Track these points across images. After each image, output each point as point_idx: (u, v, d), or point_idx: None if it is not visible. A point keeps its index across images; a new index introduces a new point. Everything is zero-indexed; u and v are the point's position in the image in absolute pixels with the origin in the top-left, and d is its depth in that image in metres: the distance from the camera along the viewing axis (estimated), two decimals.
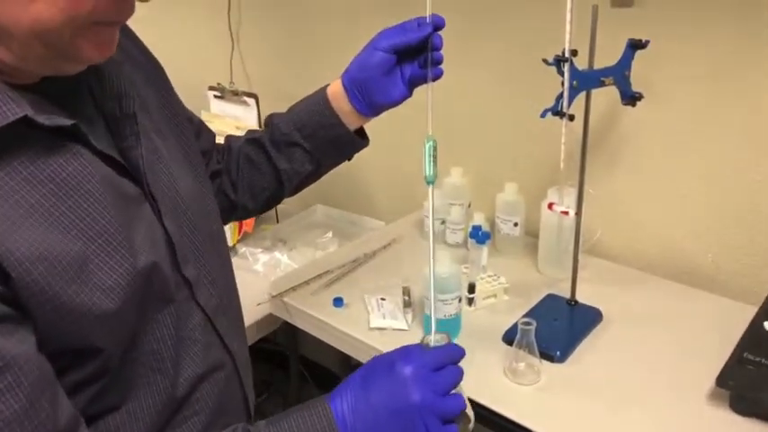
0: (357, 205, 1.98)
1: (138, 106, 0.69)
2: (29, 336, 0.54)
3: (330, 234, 1.81)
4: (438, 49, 0.85)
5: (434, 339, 0.73)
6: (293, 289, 1.40)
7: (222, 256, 0.82)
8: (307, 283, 1.42)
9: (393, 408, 0.64)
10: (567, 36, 0.99)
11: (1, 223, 0.52)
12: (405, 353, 0.68)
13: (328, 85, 0.94)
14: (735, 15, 1.18)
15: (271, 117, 0.97)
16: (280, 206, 2.10)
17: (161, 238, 0.68)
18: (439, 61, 0.86)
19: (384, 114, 0.96)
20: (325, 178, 2.26)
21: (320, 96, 0.93)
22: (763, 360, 1.01)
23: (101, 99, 0.67)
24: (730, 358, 1.03)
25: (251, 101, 1.85)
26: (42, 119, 0.55)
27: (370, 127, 1.00)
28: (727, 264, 1.33)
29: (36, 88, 0.59)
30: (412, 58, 0.88)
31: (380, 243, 1.58)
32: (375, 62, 0.87)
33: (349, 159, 1.00)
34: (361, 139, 0.97)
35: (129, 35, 0.80)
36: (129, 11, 0.58)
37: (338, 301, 1.32)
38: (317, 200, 2.04)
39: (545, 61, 1.01)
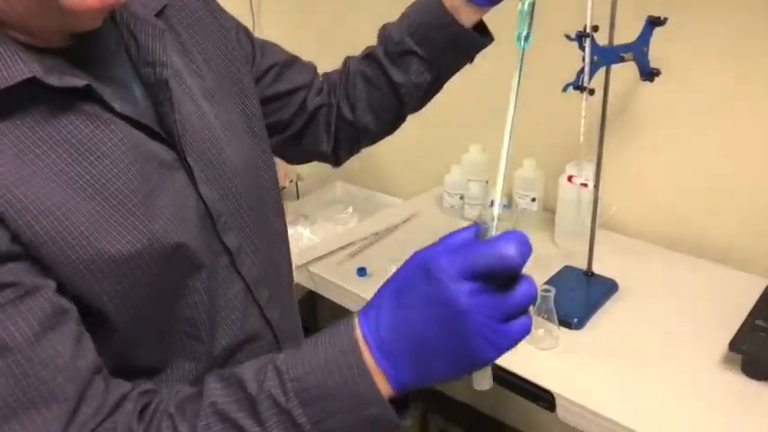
0: (377, 182, 2.03)
1: (183, 74, 0.70)
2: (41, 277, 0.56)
3: (351, 209, 1.86)
4: None
5: (495, 227, 0.55)
6: (318, 259, 1.44)
7: (271, 228, 0.80)
8: (331, 253, 1.47)
9: (435, 318, 0.50)
10: (589, 12, 1.02)
11: (9, 176, 0.53)
12: (446, 249, 0.52)
13: None
14: None
15: (384, 28, 0.90)
16: (300, 183, 2.16)
17: (194, 205, 0.67)
18: None
19: None
20: None
21: None
22: None
23: (138, 65, 0.66)
24: (743, 325, 1.07)
25: None
26: (53, 80, 0.55)
27: None
28: (740, 238, 1.37)
29: (63, 51, 0.59)
30: None
31: (401, 218, 1.62)
32: None
33: (471, 62, 0.91)
34: (481, 36, 0.87)
35: (206, 2, 0.79)
36: None
37: (362, 271, 1.37)
38: (336, 177, 2.08)
39: (567, 37, 1.05)
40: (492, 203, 0.56)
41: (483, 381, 0.58)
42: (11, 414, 0.53)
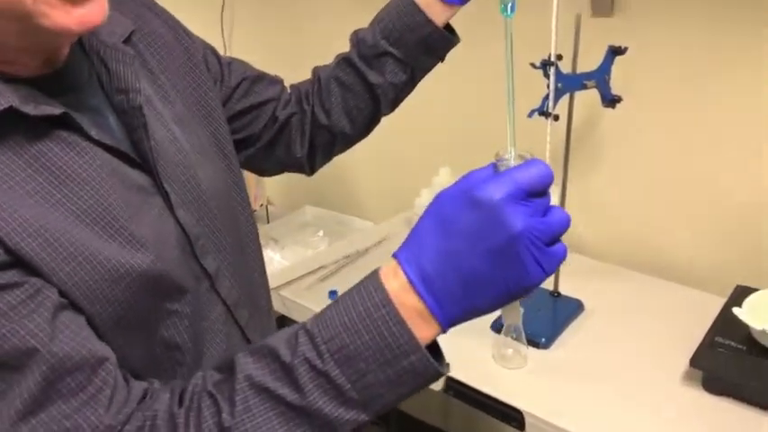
0: (347, 206, 2.04)
1: (154, 100, 0.71)
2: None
3: (321, 233, 1.87)
4: None
5: (514, 156, 0.58)
6: (288, 283, 1.45)
7: (246, 248, 0.82)
8: (301, 277, 1.48)
9: (489, 245, 0.51)
10: (553, 42, 1.07)
11: None
12: (482, 178, 0.53)
13: None
14: (707, 24, 1.27)
15: (355, 33, 0.92)
16: (270, 207, 2.17)
17: (172, 229, 0.68)
18: None
19: None
20: (314, 178, 2.30)
21: None
22: (732, 343, 1.08)
23: (110, 92, 0.67)
24: (702, 342, 1.10)
25: None
26: (29, 108, 0.56)
27: None
28: (700, 258, 1.42)
29: (37, 80, 0.60)
30: None
31: (372, 241, 1.64)
32: None
33: (442, 61, 0.93)
34: (451, 35, 0.90)
35: (167, 22, 0.80)
36: None
37: (333, 294, 1.38)
38: (306, 201, 2.10)
39: (532, 65, 1.09)
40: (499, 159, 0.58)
41: (515, 315, 0.60)
42: (51, 407, 0.54)
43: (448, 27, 0.90)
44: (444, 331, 0.55)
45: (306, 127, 0.95)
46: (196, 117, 0.78)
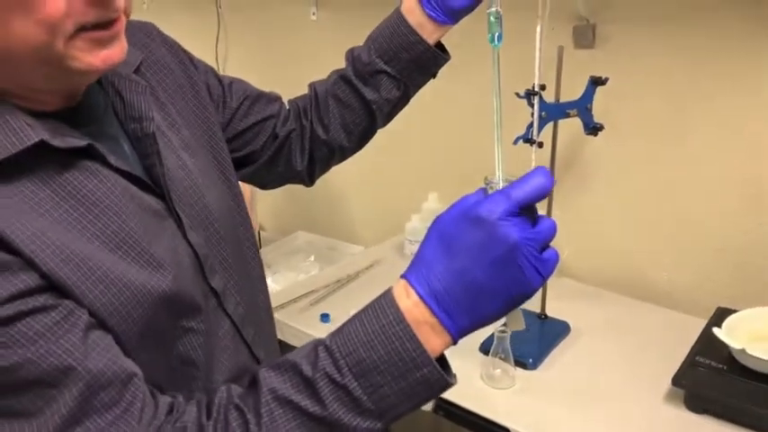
0: (338, 231, 2.08)
1: (163, 127, 0.74)
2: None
3: (312, 258, 1.90)
4: None
5: (502, 179, 0.63)
6: (281, 306, 1.48)
7: (249, 266, 0.85)
8: (294, 301, 1.50)
9: (491, 259, 0.56)
10: (537, 73, 1.12)
11: (28, 228, 0.57)
12: (478, 200, 0.58)
13: (400, 6, 0.92)
14: (684, 56, 1.33)
15: (350, 51, 0.96)
16: (262, 233, 2.20)
17: (185, 251, 0.71)
18: None
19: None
20: (305, 205, 2.34)
21: (396, 16, 0.91)
22: (712, 363, 1.12)
23: (124, 121, 0.71)
24: (684, 361, 1.14)
25: None
26: (57, 141, 0.60)
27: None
28: (681, 281, 1.46)
29: (60, 114, 0.63)
30: None
31: (363, 265, 1.67)
32: None
33: (434, 77, 0.98)
34: (442, 53, 0.94)
35: (171, 49, 0.84)
36: (104, 11, 0.57)
37: (325, 317, 1.41)
38: (298, 226, 2.13)
39: (517, 94, 1.14)
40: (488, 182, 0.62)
41: (518, 322, 0.64)
42: (87, 421, 0.57)
43: (440, 45, 0.94)
44: (455, 342, 0.59)
45: (305, 142, 0.99)
46: (200, 143, 0.82)
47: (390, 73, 0.93)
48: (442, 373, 0.58)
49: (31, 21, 0.53)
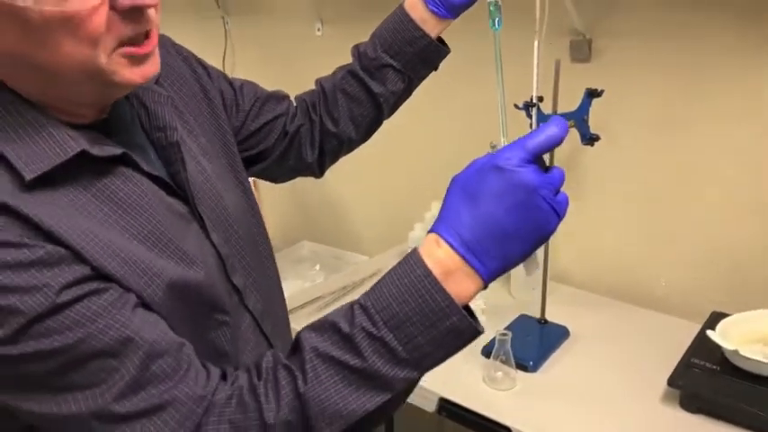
0: (342, 241, 2.12)
1: (183, 135, 0.79)
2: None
3: (318, 267, 1.94)
4: None
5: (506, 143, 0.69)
6: (290, 312, 1.51)
7: (265, 264, 0.89)
8: (301, 306, 1.54)
9: (512, 203, 0.61)
10: (535, 85, 1.17)
11: (76, 228, 0.62)
12: (492, 155, 0.64)
13: (403, 2, 0.97)
14: (675, 70, 1.38)
15: (356, 47, 1.02)
16: None
17: (209, 250, 0.76)
18: None
19: (368, 153, 1.07)
20: (311, 214, 2.37)
21: (400, 13, 0.97)
22: (707, 364, 1.16)
23: (149, 130, 0.76)
24: (679, 363, 1.18)
25: None
26: (96, 151, 0.65)
27: (356, 165, 1.08)
28: (677, 286, 1.50)
29: (94, 126, 0.69)
30: None
31: (367, 273, 1.71)
32: None
33: (435, 69, 1.03)
34: (444, 46, 1.00)
35: (185, 59, 0.89)
36: (138, 24, 0.62)
37: None
38: (303, 236, 2.17)
39: (516, 106, 1.18)
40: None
41: (533, 266, 0.70)
42: (149, 386, 0.62)
43: (440, 39, 1.00)
44: (485, 285, 0.64)
45: (315, 135, 1.04)
46: (216, 149, 0.87)
47: (396, 66, 0.98)
48: (470, 319, 0.63)
49: (77, 38, 0.58)
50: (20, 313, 0.57)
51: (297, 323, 1.47)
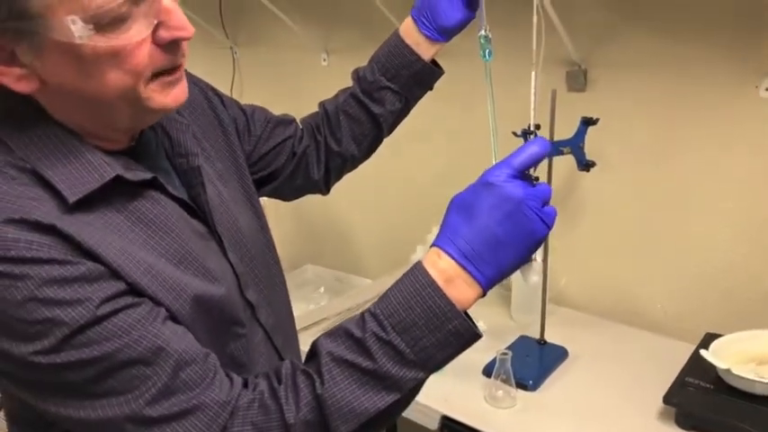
0: (346, 264, 2.16)
1: (202, 160, 0.84)
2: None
3: (322, 290, 1.98)
4: None
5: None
6: None
7: (276, 281, 0.94)
8: (306, 328, 1.58)
9: (503, 214, 0.68)
10: (532, 113, 1.21)
11: (112, 247, 0.67)
12: (482, 174, 0.72)
13: (398, 29, 1.03)
14: (668, 99, 1.43)
15: (356, 71, 1.08)
16: None
17: (227, 268, 0.81)
18: None
19: (370, 178, 1.11)
20: (315, 238, 2.40)
21: (395, 38, 1.03)
22: (701, 383, 1.20)
23: (172, 156, 0.82)
24: (675, 382, 1.22)
25: None
26: (129, 175, 0.70)
27: (359, 190, 1.11)
28: (671, 308, 1.54)
29: (125, 152, 0.75)
30: None
31: (370, 295, 1.75)
32: None
33: (431, 89, 1.09)
34: (437, 68, 1.06)
35: (203, 92, 0.95)
36: (174, 57, 0.68)
37: None
38: (307, 260, 2.21)
39: (514, 133, 1.23)
40: None
41: (531, 273, 0.73)
42: (178, 392, 0.66)
43: (434, 62, 1.06)
44: (484, 293, 0.71)
45: (321, 154, 1.10)
46: (230, 173, 0.93)
47: (393, 88, 1.04)
48: (471, 323, 0.69)
49: (122, 70, 0.64)
50: (64, 324, 0.62)
51: (304, 344, 1.51)
